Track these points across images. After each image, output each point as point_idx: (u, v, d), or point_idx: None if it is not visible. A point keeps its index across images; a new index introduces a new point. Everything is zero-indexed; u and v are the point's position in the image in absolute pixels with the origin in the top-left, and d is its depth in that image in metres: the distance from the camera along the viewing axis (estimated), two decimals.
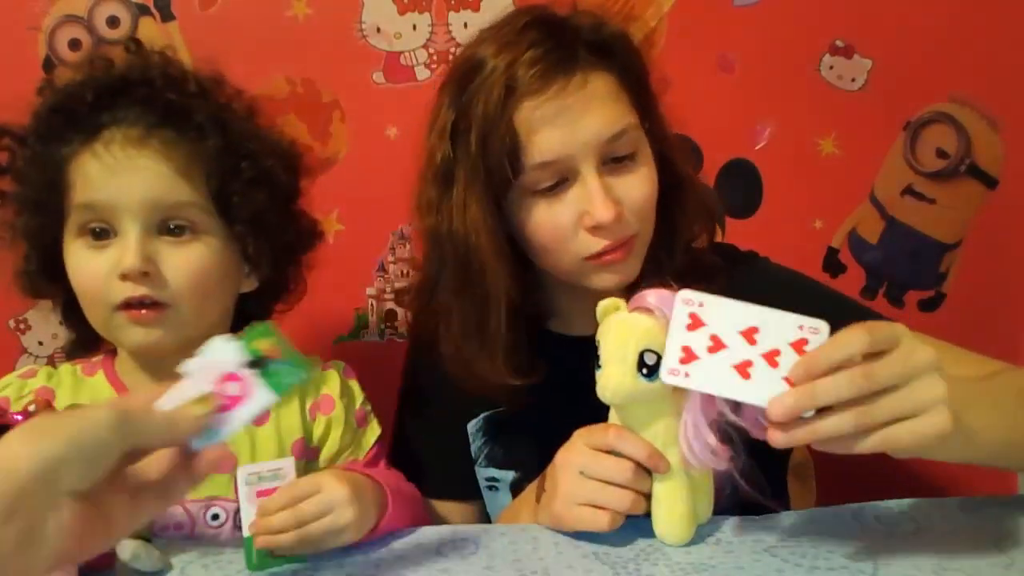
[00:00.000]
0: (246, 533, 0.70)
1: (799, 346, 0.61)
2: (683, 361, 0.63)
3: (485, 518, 0.98)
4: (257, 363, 0.56)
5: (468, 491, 0.96)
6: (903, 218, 1.27)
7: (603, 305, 0.72)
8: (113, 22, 1.16)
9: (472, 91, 0.80)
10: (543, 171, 0.79)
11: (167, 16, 1.16)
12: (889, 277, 1.29)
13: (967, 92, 1.23)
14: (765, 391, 0.60)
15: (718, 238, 0.97)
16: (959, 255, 1.28)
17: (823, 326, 0.61)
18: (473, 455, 0.95)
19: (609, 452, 0.71)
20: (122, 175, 0.77)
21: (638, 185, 0.82)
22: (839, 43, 1.22)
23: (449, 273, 0.84)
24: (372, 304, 1.24)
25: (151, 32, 1.16)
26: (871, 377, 0.57)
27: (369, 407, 0.93)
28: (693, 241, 0.91)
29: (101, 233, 0.78)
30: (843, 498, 0.81)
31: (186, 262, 0.78)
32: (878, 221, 1.27)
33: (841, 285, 1.28)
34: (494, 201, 0.81)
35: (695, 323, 0.63)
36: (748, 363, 0.62)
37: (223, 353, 0.55)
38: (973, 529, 0.74)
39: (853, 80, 1.23)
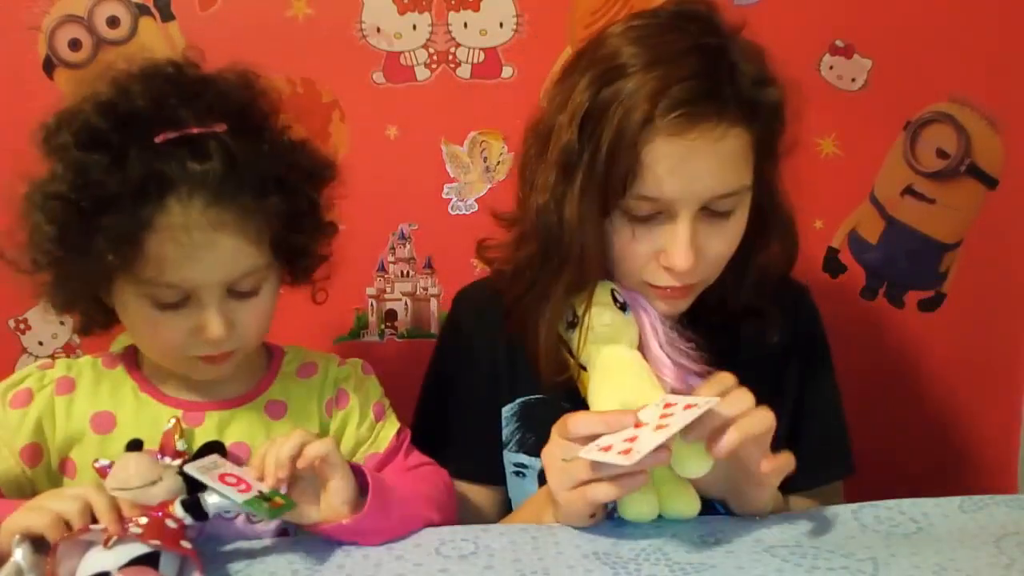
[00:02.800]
0: (242, 499, 0.70)
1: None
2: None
3: (508, 504, 0.99)
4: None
5: (494, 475, 0.97)
6: (903, 218, 1.27)
7: None
8: (113, 22, 1.16)
9: (613, 95, 0.78)
10: (646, 203, 0.79)
11: (167, 16, 1.16)
12: (889, 277, 1.29)
13: (967, 92, 1.23)
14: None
15: None
16: (959, 255, 1.28)
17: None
18: (504, 439, 0.96)
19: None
20: (204, 259, 0.74)
21: (723, 242, 0.83)
22: (839, 43, 1.22)
23: (556, 261, 0.84)
24: (372, 304, 1.24)
25: (151, 32, 1.16)
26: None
27: (387, 402, 0.94)
28: (764, 282, 0.92)
29: (180, 303, 0.76)
30: (843, 498, 0.81)
31: (257, 315, 0.80)
32: (878, 221, 1.27)
33: (841, 285, 1.28)
34: (604, 210, 0.81)
35: None
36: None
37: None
38: (973, 529, 0.74)
39: (853, 80, 1.23)
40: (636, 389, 0.75)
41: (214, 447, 0.80)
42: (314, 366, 0.92)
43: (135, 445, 0.79)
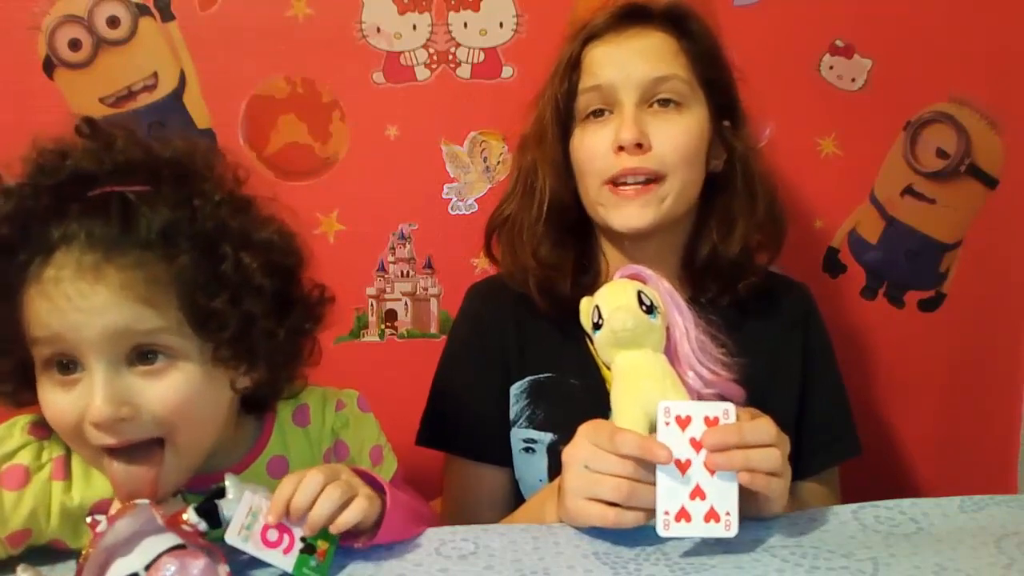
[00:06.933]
0: (291, 566, 0.67)
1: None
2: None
3: (515, 485, 1.01)
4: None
5: (502, 455, 0.99)
6: (903, 218, 1.27)
7: (583, 302, 0.79)
8: (113, 22, 1.16)
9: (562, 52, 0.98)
10: (592, 94, 0.94)
11: (167, 16, 1.16)
12: (889, 277, 1.29)
13: (967, 92, 1.23)
14: None
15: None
16: (959, 255, 1.28)
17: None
18: (513, 417, 0.99)
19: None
20: (75, 314, 0.66)
21: (673, 131, 0.92)
22: (839, 43, 1.22)
23: (519, 187, 1.00)
24: (372, 304, 1.24)
25: (151, 32, 1.16)
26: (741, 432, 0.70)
27: (384, 440, 0.90)
28: (754, 242, 0.98)
29: (67, 366, 0.68)
30: (843, 498, 0.81)
31: (164, 397, 0.68)
32: (878, 221, 1.27)
33: (841, 285, 1.28)
34: (562, 127, 0.96)
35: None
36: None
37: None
38: (973, 529, 0.74)
39: (853, 80, 1.23)
40: (658, 396, 0.74)
41: (217, 493, 0.71)
42: (307, 410, 0.85)
43: None
